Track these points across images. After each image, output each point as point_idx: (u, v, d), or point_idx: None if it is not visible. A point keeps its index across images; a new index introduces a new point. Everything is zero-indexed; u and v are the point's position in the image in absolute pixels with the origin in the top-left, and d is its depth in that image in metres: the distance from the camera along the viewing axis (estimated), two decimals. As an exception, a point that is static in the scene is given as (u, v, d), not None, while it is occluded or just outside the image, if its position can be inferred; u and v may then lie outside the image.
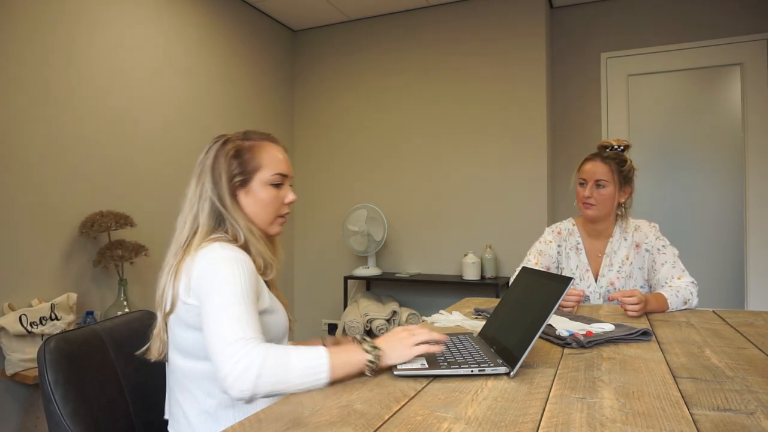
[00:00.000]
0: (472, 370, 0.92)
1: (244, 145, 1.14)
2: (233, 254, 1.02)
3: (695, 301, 1.66)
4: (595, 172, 1.78)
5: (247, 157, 1.13)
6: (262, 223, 1.14)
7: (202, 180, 1.12)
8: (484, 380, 0.91)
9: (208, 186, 1.11)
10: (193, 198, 1.13)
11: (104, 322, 1.20)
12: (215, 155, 1.13)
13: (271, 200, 1.14)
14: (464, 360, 0.97)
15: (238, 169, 1.12)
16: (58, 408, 0.96)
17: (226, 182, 1.10)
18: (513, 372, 0.91)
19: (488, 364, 0.94)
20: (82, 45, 2.44)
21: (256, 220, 1.13)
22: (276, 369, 0.86)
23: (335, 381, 0.90)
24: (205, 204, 1.11)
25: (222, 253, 1.01)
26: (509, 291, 1.24)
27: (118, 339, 1.17)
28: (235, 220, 1.10)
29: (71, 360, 1.03)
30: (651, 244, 1.80)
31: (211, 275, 0.99)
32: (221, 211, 1.10)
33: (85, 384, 1.03)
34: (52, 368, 0.99)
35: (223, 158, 1.12)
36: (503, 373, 0.92)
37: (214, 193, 1.10)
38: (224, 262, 1.00)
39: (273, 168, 1.14)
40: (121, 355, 1.15)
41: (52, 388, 0.98)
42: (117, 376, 1.13)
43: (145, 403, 1.16)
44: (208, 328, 0.93)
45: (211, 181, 1.11)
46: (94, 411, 1.02)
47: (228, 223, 1.10)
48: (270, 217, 1.15)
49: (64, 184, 2.35)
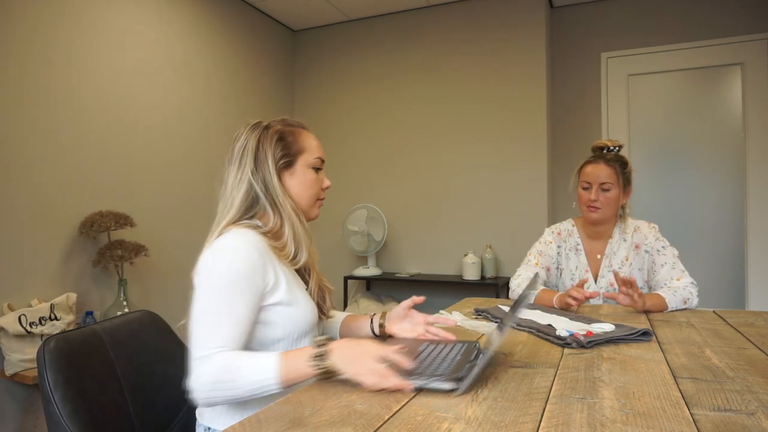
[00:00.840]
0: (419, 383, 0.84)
1: (286, 129, 1.17)
2: (238, 246, 1.02)
3: (695, 301, 1.66)
4: (600, 175, 1.77)
5: (291, 140, 1.16)
6: (305, 205, 1.17)
7: (244, 163, 1.12)
8: (485, 380, 0.91)
9: (249, 168, 1.11)
10: (234, 180, 1.13)
11: (104, 322, 1.19)
12: (258, 138, 1.14)
13: (314, 182, 1.17)
14: (426, 370, 0.88)
15: (284, 151, 1.14)
16: (57, 408, 0.96)
17: (272, 163, 1.12)
18: (459, 391, 0.83)
19: (439, 378, 0.84)
20: (82, 45, 2.44)
21: (300, 201, 1.16)
22: (224, 383, 0.91)
23: (291, 385, 0.91)
24: (243, 186, 1.11)
25: (226, 243, 1.03)
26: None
27: (118, 339, 1.17)
28: (278, 201, 1.11)
29: (71, 360, 1.03)
30: (650, 245, 1.80)
31: (204, 271, 1.01)
32: (259, 193, 1.11)
33: (84, 384, 1.03)
34: (51, 368, 0.99)
35: (267, 141, 1.14)
36: (448, 389, 0.83)
37: (257, 176, 1.11)
38: (222, 257, 1.01)
39: (314, 152, 1.18)
40: (121, 355, 1.15)
41: (52, 388, 0.97)
42: (117, 376, 1.12)
43: (145, 403, 1.16)
44: (189, 331, 0.98)
45: (253, 163, 1.12)
46: (93, 411, 1.02)
47: (262, 206, 1.11)
48: (312, 200, 1.18)
49: (64, 184, 2.35)
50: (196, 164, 3.09)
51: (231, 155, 1.15)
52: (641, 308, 1.55)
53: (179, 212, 2.97)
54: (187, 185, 3.03)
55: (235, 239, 1.04)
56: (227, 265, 1.00)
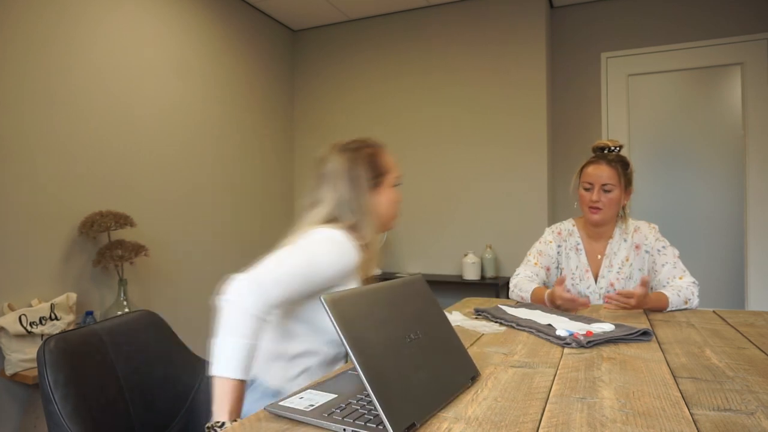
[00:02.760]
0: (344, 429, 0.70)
1: (374, 151, 1.28)
2: (347, 245, 1.14)
3: (696, 301, 1.66)
4: (601, 176, 1.76)
5: (378, 162, 1.27)
6: (389, 220, 1.30)
7: (335, 183, 1.24)
8: (485, 380, 0.91)
9: (345, 188, 1.23)
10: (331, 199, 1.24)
11: (104, 322, 1.19)
12: (350, 160, 1.25)
13: (396, 199, 1.31)
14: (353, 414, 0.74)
15: (374, 172, 1.25)
16: (57, 408, 0.96)
17: (365, 183, 1.24)
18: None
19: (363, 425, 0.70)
20: (81, 45, 2.44)
21: (385, 217, 1.29)
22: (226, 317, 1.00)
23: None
24: (345, 204, 1.23)
25: (336, 236, 1.14)
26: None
27: (118, 339, 1.17)
28: (369, 220, 1.23)
29: (71, 360, 1.03)
30: (651, 245, 1.80)
31: (310, 237, 1.14)
32: (356, 210, 1.23)
33: (85, 384, 1.03)
34: (52, 368, 0.99)
35: (359, 163, 1.25)
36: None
37: (352, 195, 1.23)
38: (330, 241, 1.13)
39: (396, 171, 1.31)
40: (120, 355, 1.15)
41: (52, 388, 0.97)
42: (117, 376, 1.13)
43: (144, 403, 1.16)
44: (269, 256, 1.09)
45: (348, 183, 1.23)
46: (93, 411, 1.02)
47: (358, 221, 1.23)
48: (393, 215, 1.31)
49: (64, 184, 2.35)
50: (196, 164, 3.09)
51: (322, 174, 1.26)
52: (639, 308, 1.55)
53: (179, 212, 2.97)
54: (188, 185, 3.03)
55: (343, 236, 1.15)
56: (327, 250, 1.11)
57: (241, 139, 3.45)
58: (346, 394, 0.82)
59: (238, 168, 3.44)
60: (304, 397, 0.81)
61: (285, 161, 3.91)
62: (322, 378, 0.93)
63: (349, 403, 0.78)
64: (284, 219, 3.90)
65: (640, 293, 1.49)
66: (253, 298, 1.01)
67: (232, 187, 3.37)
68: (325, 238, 1.14)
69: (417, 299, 0.90)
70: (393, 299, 0.84)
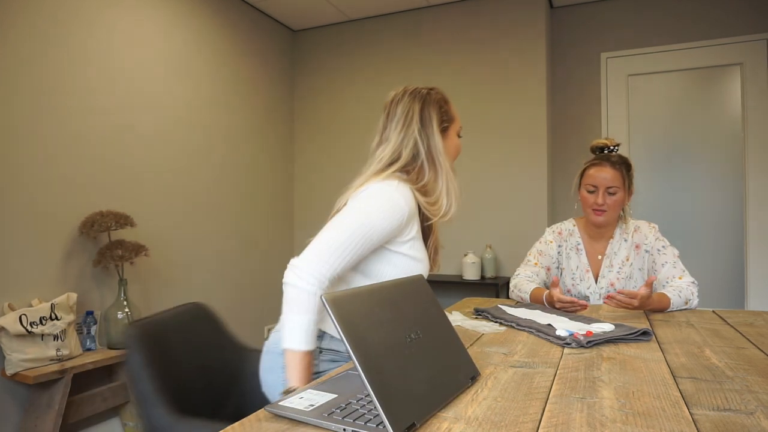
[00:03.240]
0: (344, 429, 0.70)
1: (444, 98, 1.33)
2: (396, 196, 1.17)
3: (696, 302, 1.66)
4: (606, 178, 1.75)
5: (447, 108, 1.33)
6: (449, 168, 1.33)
7: (409, 122, 1.27)
8: (485, 380, 0.91)
9: (416, 127, 1.27)
10: (398, 138, 1.27)
11: (164, 312, 1.34)
12: (423, 102, 1.29)
13: (458, 147, 1.38)
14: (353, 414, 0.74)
15: (443, 117, 1.31)
16: (146, 385, 1.09)
17: (437, 125, 1.28)
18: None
19: (363, 425, 0.70)
20: (81, 45, 2.44)
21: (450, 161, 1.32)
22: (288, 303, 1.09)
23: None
24: (410, 143, 1.26)
25: (385, 190, 1.17)
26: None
27: (179, 327, 1.32)
28: (439, 160, 1.27)
29: (151, 343, 1.17)
30: (651, 244, 1.80)
31: (357, 200, 1.17)
32: (422, 150, 1.26)
33: (162, 364, 1.17)
34: (139, 350, 1.13)
35: (432, 106, 1.29)
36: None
37: (422, 134, 1.27)
38: (379, 198, 1.16)
39: (459, 121, 1.37)
40: (181, 342, 1.29)
41: (141, 367, 1.11)
42: (179, 360, 1.26)
43: (203, 384, 1.29)
44: (321, 232, 1.14)
45: (419, 123, 1.27)
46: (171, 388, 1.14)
47: (421, 162, 1.26)
48: (453, 162, 1.36)
49: (64, 184, 2.35)
50: (196, 163, 3.09)
51: (392, 115, 1.30)
52: (641, 309, 1.55)
53: (179, 212, 2.97)
54: (188, 184, 3.03)
55: (394, 188, 1.18)
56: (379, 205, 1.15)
57: (241, 139, 3.45)
58: (346, 394, 0.82)
59: (238, 168, 3.44)
60: (304, 397, 0.81)
61: (285, 161, 3.91)
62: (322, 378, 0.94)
63: (349, 403, 0.78)
64: (284, 218, 3.90)
65: (644, 294, 1.47)
66: (307, 279, 1.08)
67: (232, 187, 3.38)
68: (374, 194, 1.17)
69: (417, 299, 0.90)
70: (393, 299, 0.84)
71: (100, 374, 2.43)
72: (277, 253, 3.78)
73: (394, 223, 1.17)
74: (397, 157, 1.26)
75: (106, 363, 2.25)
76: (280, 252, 3.81)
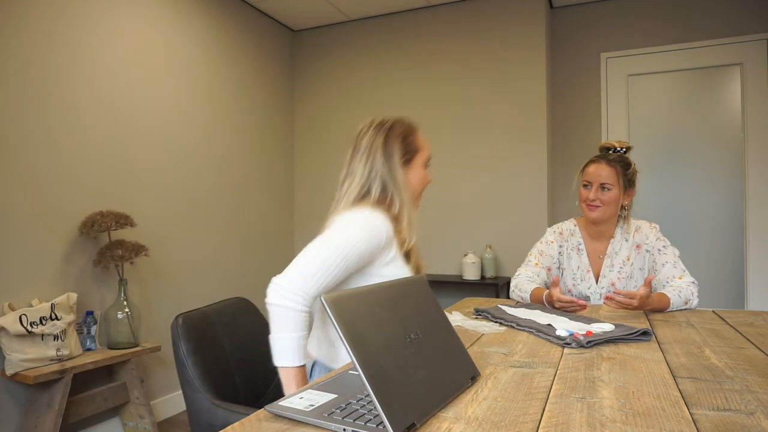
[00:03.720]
0: (344, 429, 0.70)
1: (408, 129, 1.37)
2: (373, 220, 1.22)
3: (695, 302, 1.66)
4: (600, 174, 1.78)
5: (411, 140, 1.36)
6: (415, 197, 1.38)
7: (372, 156, 1.31)
8: (484, 380, 0.91)
9: (380, 161, 1.31)
10: (363, 171, 1.32)
11: (211, 306, 1.42)
12: (386, 136, 1.33)
13: (424, 177, 1.39)
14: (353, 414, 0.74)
15: (406, 149, 1.34)
16: (190, 371, 1.19)
17: (398, 158, 1.32)
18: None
19: (363, 425, 0.70)
20: (82, 45, 2.44)
21: (414, 193, 1.37)
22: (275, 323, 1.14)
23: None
24: (377, 177, 1.31)
25: (363, 214, 1.22)
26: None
27: (223, 320, 1.40)
28: (401, 192, 1.31)
29: (195, 335, 1.25)
30: (651, 244, 1.80)
31: (337, 224, 1.22)
32: (388, 183, 1.31)
33: (206, 354, 1.26)
34: (184, 339, 1.21)
35: (393, 139, 1.33)
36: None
37: (386, 167, 1.31)
38: (357, 221, 1.21)
39: (427, 151, 1.39)
40: (226, 334, 1.37)
41: (185, 354, 1.20)
42: (225, 350, 1.35)
43: (245, 374, 1.37)
44: (301, 252, 1.18)
45: (383, 157, 1.31)
46: (213, 377, 1.23)
47: (390, 193, 1.31)
48: (420, 192, 1.39)
49: (64, 184, 2.35)
50: (196, 163, 3.09)
51: (357, 148, 1.34)
52: (640, 309, 1.55)
53: (179, 212, 2.97)
54: (188, 185, 3.03)
55: (370, 213, 1.23)
56: (359, 230, 1.20)
57: (241, 139, 3.45)
58: (346, 394, 0.82)
59: (238, 168, 3.44)
60: (304, 397, 0.81)
61: (285, 161, 3.91)
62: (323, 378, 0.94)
63: (349, 403, 0.78)
64: (284, 218, 3.90)
65: (643, 294, 1.48)
66: (292, 297, 1.12)
67: (232, 187, 3.38)
68: (352, 219, 1.22)
69: (417, 299, 0.90)
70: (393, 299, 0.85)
71: (100, 374, 2.44)
72: (277, 253, 3.78)
73: (374, 243, 1.21)
74: (366, 192, 1.31)
75: (106, 363, 2.25)
76: (279, 252, 3.81)
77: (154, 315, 2.78)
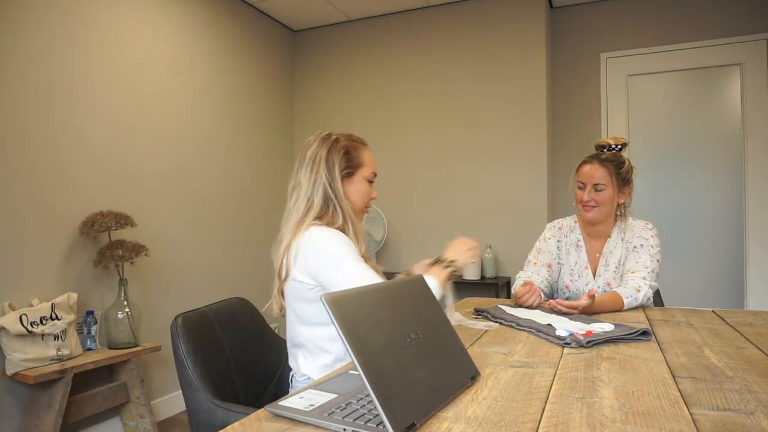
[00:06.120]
0: (344, 429, 0.70)
1: (351, 144, 1.40)
2: (332, 233, 1.29)
3: (644, 293, 1.64)
4: (593, 175, 1.77)
5: (354, 155, 1.39)
6: (357, 211, 1.41)
7: (317, 168, 1.36)
8: (484, 380, 0.91)
9: (323, 173, 1.35)
10: (308, 183, 1.36)
11: (210, 306, 1.43)
12: (329, 149, 1.37)
13: (366, 192, 1.42)
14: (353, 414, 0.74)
15: (348, 163, 1.38)
16: (190, 371, 1.20)
17: (338, 171, 1.36)
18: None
19: (363, 425, 0.71)
20: (82, 45, 2.44)
21: (354, 206, 1.40)
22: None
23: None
24: (320, 188, 1.35)
25: (324, 233, 1.28)
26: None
27: (223, 320, 1.41)
28: (341, 204, 1.35)
29: (194, 335, 1.26)
30: (634, 242, 1.79)
31: (324, 253, 1.26)
32: (330, 195, 1.35)
33: (205, 354, 1.26)
34: (183, 339, 1.22)
35: (336, 152, 1.36)
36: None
37: (328, 179, 1.35)
38: (329, 239, 1.26)
39: (371, 167, 1.42)
40: (225, 334, 1.39)
41: (185, 354, 1.21)
42: (224, 350, 1.37)
43: (245, 374, 1.39)
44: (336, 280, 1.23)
45: (325, 169, 1.35)
46: (213, 376, 1.24)
47: (332, 206, 1.35)
48: (361, 207, 1.43)
49: (64, 184, 2.35)
50: (196, 163, 3.09)
51: (303, 159, 1.38)
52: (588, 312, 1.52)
53: (179, 212, 2.97)
54: (188, 185, 3.03)
55: (324, 230, 1.29)
56: (338, 241, 1.26)
57: (241, 139, 3.45)
58: (346, 394, 0.82)
59: (238, 167, 3.44)
60: (304, 397, 0.81)
61: (285, 161, 3.91)
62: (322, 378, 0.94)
63: (349, 403, 0.78)
64: (284, 219, 3.90)
65: (585, 304, 1.48)
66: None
67: (232, 187, 3.38)
68: (326, 236, 1.28)
69: (417, 299, 0.91)
70: (393, 299, 0.85)
71: (101, 374, 2.44)
72: (277, 253, 3.78)
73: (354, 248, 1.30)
74: (310, 205, 1.35)
75: (106, 363, 2.25)
76: (280, 252, 3.80)
77: (155, 315, 2.78)
